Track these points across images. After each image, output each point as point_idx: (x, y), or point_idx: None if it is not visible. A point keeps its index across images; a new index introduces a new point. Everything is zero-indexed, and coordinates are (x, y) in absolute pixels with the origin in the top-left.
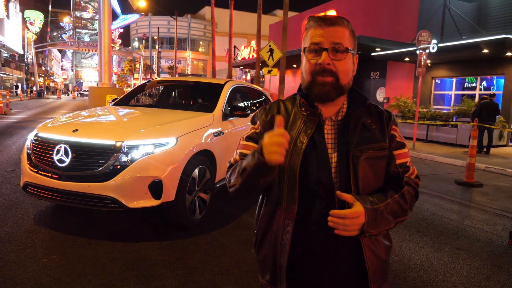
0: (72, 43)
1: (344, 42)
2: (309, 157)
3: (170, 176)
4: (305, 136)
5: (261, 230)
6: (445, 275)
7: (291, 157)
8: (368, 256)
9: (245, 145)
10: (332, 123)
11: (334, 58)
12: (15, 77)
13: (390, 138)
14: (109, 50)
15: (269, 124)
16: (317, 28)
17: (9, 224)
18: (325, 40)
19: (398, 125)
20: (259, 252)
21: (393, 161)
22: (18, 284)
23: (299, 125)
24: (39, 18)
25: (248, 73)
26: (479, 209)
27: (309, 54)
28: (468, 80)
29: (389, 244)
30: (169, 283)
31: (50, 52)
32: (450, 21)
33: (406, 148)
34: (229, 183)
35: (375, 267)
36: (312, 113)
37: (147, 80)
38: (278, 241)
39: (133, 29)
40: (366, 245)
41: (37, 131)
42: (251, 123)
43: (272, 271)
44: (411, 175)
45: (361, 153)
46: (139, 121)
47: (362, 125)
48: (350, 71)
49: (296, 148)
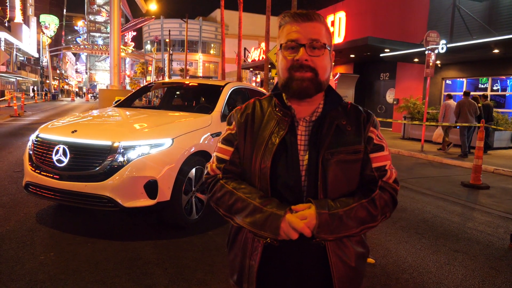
0: (86, 47)
1: (321, 38)
2: (280, 158)
3: (165, 176)
4: (277, 137)
5: (234, 230)
6: (440, 277)
7: (262, 159)
8: (334, 262)
9: (221, 149)
10: (306, 124)
11: (312, 54)
12: (30, 80)
13: (367, 141)
14: (119, 53)
15: (244, 124)
16: (293, 24)
17: (12, 222)
18: (302, 36)
19: (377, 126)
20: (230, 252)
21: (369, 164)
22: (14, 280)
23: (272, 126)
24: (54, 22)
25: (258, 75)
26: (483, 211)
27: (285, 51)
28: (481, 81)
29: (363, 251)
30: (160, 281)
31: (65, 55)
32: (460, 21)
33: (386, 150)
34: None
35: (341, 275)
36: (286, 114)
37: (150, 82)
38: (249, 242)
39: (146, 32)
40: (332, 250)
41: (38, 132)
42: (227, 124)
43: (240, 271)
44: (389, 179)
45: (331, 156)
46: (136, 122)
47: (337, 126)
48: (329, 67)
49: (268, 149)
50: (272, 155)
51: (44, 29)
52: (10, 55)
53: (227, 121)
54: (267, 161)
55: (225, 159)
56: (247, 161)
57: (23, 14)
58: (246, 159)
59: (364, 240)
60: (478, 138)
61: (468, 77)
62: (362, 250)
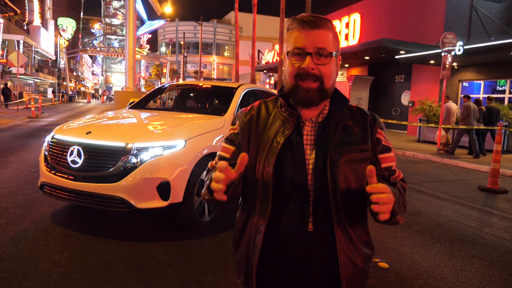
0: (102, 49)
1: (328, 46)
2: (285, 157)
3: (178, 178)
4: (282, 136)
5: (238, 230)
6: (455, 283)
7: (267, 157)
8: (343, 262)
9: (223, 147)
10: (312, 125)
11: (318, 62)
12: (48, 82)
13: (376, 142)
14: (134, 55)
15: (247, 124)
16: (300, 31)
17: (27, 222)
18: (309, 45)
19: (383, 128)
20: (236, 252)
21: (378, 165)
22: (28, 280)
23: (278, 126)
24: (71, 25)
25: (272, 77)
26: (501, 216)
27: (292, 57)
28: (499, 84)
29: (370, 253)
30: (172, 282)
31: (81, 58)
32: (478, 22)
33: (392, 152)
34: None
35: (350, 275)
36: (291, 114)
37: (164, 84)
38: (252, 241)
39: (161, 35)
40: (342, 250)
41: (54, 133)
42: (231, 124)
43: (245, 271)
44: (397, 177)
45: (339, 156)
46: (150, 124)
47: (343, 127)
48: (334, 74)
49: (272, 148)
50: (277, 154)
51: (61, 31)
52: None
53: (232, 121)
54: (272, 160)
55: (225, 157)
56: (252, 161)
57: (41, 17)
58: (251, 158)
59: (371, 242)
60: (496, 142)
61: (485, 79)
62: (369, 252)
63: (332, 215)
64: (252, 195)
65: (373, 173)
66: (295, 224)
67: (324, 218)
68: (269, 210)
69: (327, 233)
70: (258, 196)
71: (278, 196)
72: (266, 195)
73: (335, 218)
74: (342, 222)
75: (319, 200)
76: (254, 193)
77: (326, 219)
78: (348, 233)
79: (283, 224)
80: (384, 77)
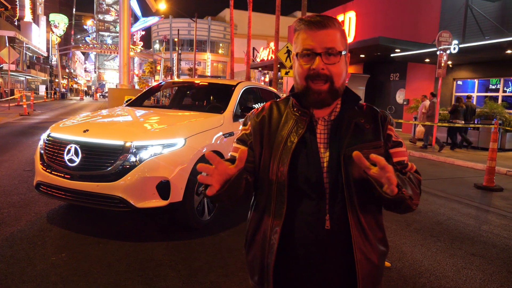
0: (95, 46)
1: (336, 46)
2: (299, 156)
3: (178, 177)
4: (296, 135)
5: (251, 230)
6: (457, 281)
7: (281, 157)
8: (359, 259)
9: (235, 148)
10: (325, 123)
11: (328, 62)
12: (39, 79)
13: (387, 138)
14: (128, 52)
15: (259, 124)
16: (308, 32)
17: (23, 222)
18: (318, 45)
19: (394, 125)
20: (248, 252)
21: (390, 160)
22: (25, 282)
23: (291, 125)
24: (64, 21)
25: (266, 74)
26: (498, 214)
27: (301, 58)
28: (492, 82)
29: (384, 250)
30: (173, 283)
31: (74, 55)
32: (473, 21)
33: (404, 147)
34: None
35: (365, 272)
36: (304, 113)
37: (160, 82)
38: (267, 241)
39: (154, 32)
40: (358, 248)
41: (50, 131)
42: (243, 125)
43: (260, 272)
44: (410, 169)
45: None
46: (148, 122)
47: (355, 125)
48: (344, 72)
49: (286, 147)
50: (291, 153)
51: (53, 28)
52: (20, 54)
53: (243, 122)
54: (286, 159)
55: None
56: (266, 162)
57: (32, 13)
58: (264, 159)
59: (386, 238)
60: (492, 140)
61: (480, 78)
62: (384, 249)
63: (348, 212)
64: (266, 195)
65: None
66: (311, 223)
67: (340, 216)
68: (284, 209)
69: (342, 231)
70: (273, 196)
71: (293, 196)
72: (281, 195)
73: (351, 215)
74: (358, 219)
75: (335, 197)
76: (269, 193)
77: (342, 216)
78: (364, 230)
79: (299, 223)
80: (380, 75)
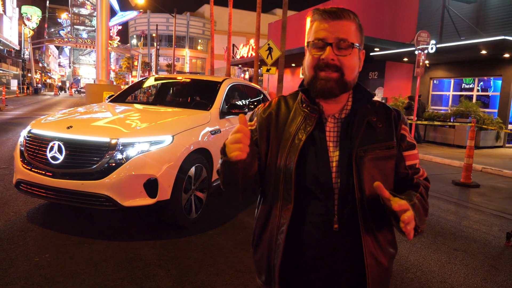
0: (70, 40)
1: (349, 37)
2: (308, 155)
3: (165, 175)
4: (304, 133)
5: (258, 229)
6: (443, 276)
7: (288, 155)
8: (369, 263)
9: None
10: (335, 121)
11: (339, 53)
12: (11, 73)
13: (400, 138)
14: (106, 47)
15: (266, 120)
16: (322, 22)
17: (1, 222)
18: (330, 35)
19: (407, 124)
20: (256, 252)
21: (402, 162)
22: (8, 284)
23: (299, 122)
24: (37, 14)
25: (246, 71)
26: (476, 209)
27: (313, 48)
28: (465, 81)
29: (393, 252)
30: (164, 283)
31: (48, 49)
32: (449, 22)
33: (416, 149)
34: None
35: (375, 276)
36: (313, 110)
37: (145, 77)
38: (273, 241)
39: (132, 26)
40: (368, 251)
41: (30, 127)
42: (249, 121)
43: (267, 271)
44: (421, 177)
45: (365, 153)
46: (135, 119)
47: (367, 123)
48: (356, 67)
49: (294, 145)
50: (299, 151)
51: (26, 20)
52: None
53: (249, 117)
54: (293, 157)
55: None
56: (273, 158)
57: (3, 5)
58: (271, 156)
59: (395, 240)
60: (469, 138)
61: (455, 77)
62: (393, 251)
63: (358, 214)
64: (273, 193)
65: (381, 187)
66: (319, 224)
67: (349, 218)
68: (291, 209)
69: (352, 233)
70: (280, 194)
71: (300, 195)
72: (288, 194)
73: (361, 217)
74: (368, 222)
75: (344, 199)
76: (275, 191)
77: (351, 218)
78: (374, 233)
79: (307, 223)
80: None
